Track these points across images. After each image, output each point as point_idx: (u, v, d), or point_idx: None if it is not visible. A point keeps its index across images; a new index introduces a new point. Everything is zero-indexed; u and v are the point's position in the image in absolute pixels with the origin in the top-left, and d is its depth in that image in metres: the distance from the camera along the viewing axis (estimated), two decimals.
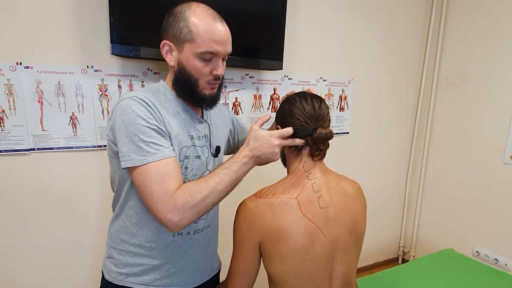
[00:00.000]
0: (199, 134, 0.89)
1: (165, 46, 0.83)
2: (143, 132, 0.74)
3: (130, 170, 0.76)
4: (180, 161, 0.84)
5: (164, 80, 0.89)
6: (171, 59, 0.83)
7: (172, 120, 0.83)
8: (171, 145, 0.80)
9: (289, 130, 0.81)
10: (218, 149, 0.95)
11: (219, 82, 0.87)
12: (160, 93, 0.85)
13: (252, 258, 0.83)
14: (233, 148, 1.14)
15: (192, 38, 0.78)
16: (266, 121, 0.86)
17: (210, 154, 0.92)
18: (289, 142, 0.81)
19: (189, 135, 0.86)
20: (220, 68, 0.82)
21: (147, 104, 0.77)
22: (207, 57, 0.80)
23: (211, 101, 0.88)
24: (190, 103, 0.87)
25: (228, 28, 0.83)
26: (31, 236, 1.37)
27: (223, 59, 0.85)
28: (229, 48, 0.83)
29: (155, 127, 0.76)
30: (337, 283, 0.85)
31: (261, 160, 0.79)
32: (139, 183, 0.74)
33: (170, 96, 0.86)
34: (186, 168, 0.86)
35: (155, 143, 0.74)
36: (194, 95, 0.84)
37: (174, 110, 0.85)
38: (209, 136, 0.93)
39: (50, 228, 1.39)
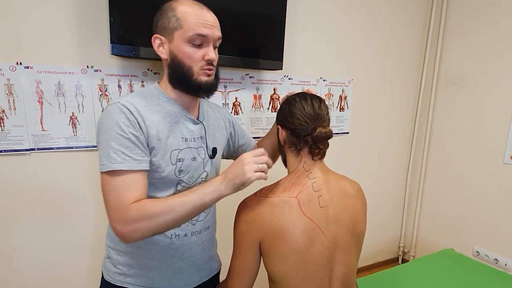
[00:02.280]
0: (194, 136, 0.88)
1: (156, 40, 0.83)
2: (116, 140, 0.74)
3: (100, 174, 0.77)
4: (172, 164, 0.83)
5: (158, 82, 0.89)
6: (163, 52, 0.83)
7: (163, 123, 0.82)
8: (151, 153, 0.80)
9: (262, 150, 0.80)
10: (214, 150, 0.94)
11: (215, 69, 0.85)
12: (152, 96, 0.85)
13: (252, 257, 0.83)
14: (232, 151, 1.14)
15: (181, 24, 0.79)
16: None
17: (206, 155, 0.92)
18: (261, 159, 0.78)
19: (182, 138, 0.85)
20: (212, 53, 0.81)
21: (130, 111, 0.77)
22: (197, 41, 0.79)
23: (208, 88, 0.85)
24: (188, 93, 0.85)
25: (214, 16, 0.83)
26: (31, 236, 1.37)
27: (214, 47, 0.84)
28: (218, 33, 0.82)
29: (130, 135, 0.75)
30: (337, 283, 0.85)
31: (235, 180, 0.76)
32: (102, 188, 0.76)
33: (164, 98, 0.85)
34: (180, 171, 0.85)
35: (123, 152, 0.74)
36: (190, 84, 0.82)
37: (166, 113, 0.84)
38: (205, 138, 0.92)
39: (50, 228, 1.39)
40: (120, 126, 0.75)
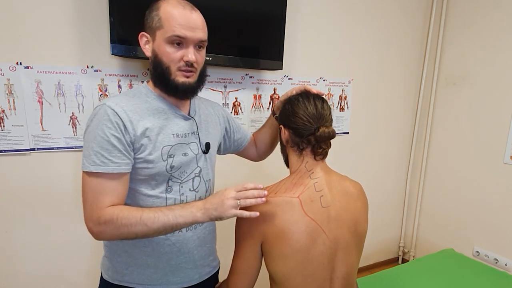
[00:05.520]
0: (185, 131, 0.89)
1: (143, 37, 0.85)
2: (97, 142, 0.76)
3: (82, 172, 0.79)
4: (163, 160, 0.84)
5: (147, 82, 0.89)
6: (148, 49, 0.85)
7: (152, 120, 0.83)
8: (140, 150, 0.80)
9: (246, 185, 0.79)
10: (208, 145, 0.94)
11: (195, 71, 0.85)
12: (141, 95, 0.85)
13: (254, 257, 0.83)
14: (228, 146, 1.14)
15: (162, 24, 0.79)
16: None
17: (200, 150, 0.92)
18: (242, 195, 0.77)
19: (172, 134, 0.86)
20: (191, 54, 0.81)
21: (115, 112, 0.78)
22: (176, 42, 0.80)
23: (186, 90, 0.84)
24: (167, 93, 0.86)
25: (201, 17, 0.83)
26: (31, 236, 1.37)
27: (199, 48, 0.84)
28: (200, 35, 0.81)
29: (111, 138, 0.76)
30: (338, 283, 0.85)
31: (212, 212, 0.77)
32: (81, 185, 0.79)
33: (153, 96, 0.86)
34: (171, 167, 0.85)
35: (102, 155, 0.76)
36: (167, 83, 0.83)
37: (155, 111, 0.84)
38: (197, 133, 0.92)
39: (50, 228, 1.39)
40: (102, 129, 0.77)
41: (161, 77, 0.83)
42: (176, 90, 0.84)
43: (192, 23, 0.80)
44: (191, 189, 0.90)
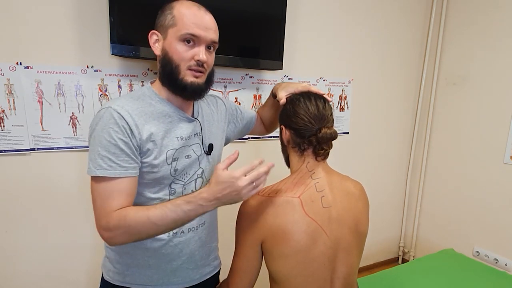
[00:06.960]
0: (189, 134, 0.88)
1: (153, 35, 0.84)
2: (103, 146, 0.75)
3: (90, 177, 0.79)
4: (168, 164, 0.83)
5: (151, 83, 0.88)
6: (157, 48, 0.84)
7: (157, 124, 0.82)
8: (146, 155, 0.80)
9: (255, 163, 0.76)
10: (210, 146, 0.94)
11: (205, 72, 0.84)
12: (145, 97, 0.84)
13: (254, 256, 0.83)
14: (238, 134, 1.14)
15: (175, 22, 0.79)
16: (234, 160, 0.78)
17: (202, 151, 0.92)
18: (255, 176, 0.74)
19: (177, 137, 0.85)
20: (202, 54, 0.80)
21: (121, 115, 0.76)
22: (188, 40, 0.79)
23: (194, 90, 0.83)
24: (175, 93, 0.84)
25: (214, 20, 0.83)
26: (31, 236, 1.37)
27: (209, 49, 0.83)
28: (212, 36, 0.81)
29: (118, 141, 0.75)
30: (338, 283, 0.85)
31: (228, 201, 0.76)
32: (90, 190, 0.79)
33: (156, 98, 0.84)
34: (175, 170, 0.85)
35: (110, 159, 0.75)
36: (175, 83, 0.82)
37: (159, 114, 0.83)
38: (201, 134, 0.92)
39: (50, 228, 1.39)
40: (109, 132, 0.75)
41: (169, 76, 0.82)
42: (184, 90, 0.82)
43: (205, 23, 0.80)
44: (193, 190, 0.90)
